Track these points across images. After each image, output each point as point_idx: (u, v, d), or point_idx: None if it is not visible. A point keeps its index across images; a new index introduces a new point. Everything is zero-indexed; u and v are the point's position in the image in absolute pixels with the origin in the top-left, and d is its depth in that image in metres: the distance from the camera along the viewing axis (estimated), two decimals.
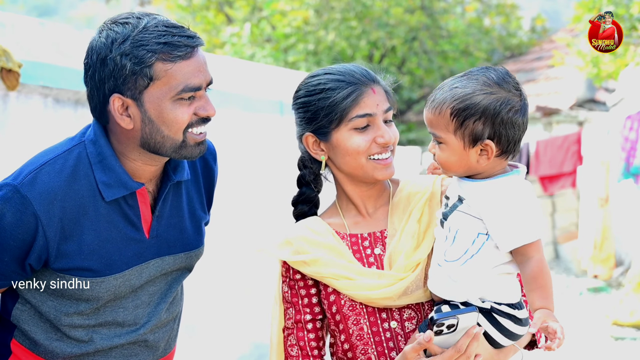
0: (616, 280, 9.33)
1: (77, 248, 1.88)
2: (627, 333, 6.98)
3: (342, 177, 2.01)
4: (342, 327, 1.94)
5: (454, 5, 15.93)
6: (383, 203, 2.05)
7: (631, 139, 8.11)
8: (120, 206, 1.93)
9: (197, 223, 2.13)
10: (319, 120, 1.94)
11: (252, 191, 5.32)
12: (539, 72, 13.23)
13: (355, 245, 1.98)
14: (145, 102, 1.84)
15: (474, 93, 1.80)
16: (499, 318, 1.84)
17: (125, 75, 1.81)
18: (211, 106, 1.90)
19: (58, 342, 1.98)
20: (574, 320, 7.60)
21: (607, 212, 9.32)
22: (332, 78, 1.94)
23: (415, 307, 1.93)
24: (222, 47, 15.09)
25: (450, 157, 1.85)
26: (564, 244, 10.58)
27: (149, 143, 1.88)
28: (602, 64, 7.72)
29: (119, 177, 1.90)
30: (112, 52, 1.81)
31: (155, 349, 2.10)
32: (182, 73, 1.83)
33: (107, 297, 1.95)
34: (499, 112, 1.78)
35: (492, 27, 16.05)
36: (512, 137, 1.81)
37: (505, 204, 1.80)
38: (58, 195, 1.85)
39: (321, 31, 13.99)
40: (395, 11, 13.72)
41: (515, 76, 1.87)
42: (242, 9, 15.19)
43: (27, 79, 3.47)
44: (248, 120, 5.31)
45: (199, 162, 2.15)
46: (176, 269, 2.09)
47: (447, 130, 1.82)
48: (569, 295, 8.96)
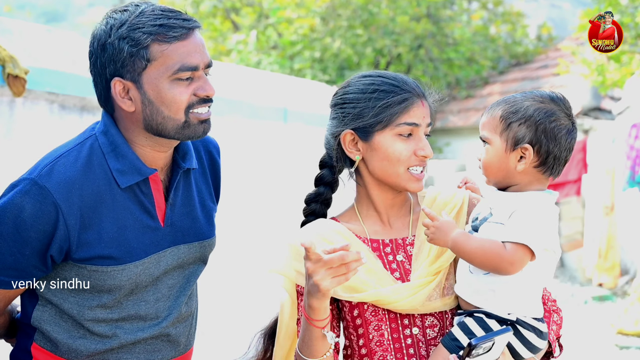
0: (621, 289, 9.30)
1: (97, 236, 1.91)
2: (632, 342, 6.96)
3: (371, 181, 2.00)
4: (362, 332, 1.94)
5: (459, 13, 15.93)
6: (404, 213, 2.05)
7: (637, 148, 8.10)
8: (135, 194, 1.96)
9: (208, 213, 2.15)
10: (365, 119, 1.95)
11: (256, 197, 5.33)
12: (545, 80, 13.22)
13: (376, 250, 1.98)
14: (144, 84, 1.89)
15: (525, 100, 1.90)
16: (524, 331, 1.85)
17: (124, 58, 1.87)
18: (210, 86, 1.94)
19: (81, 340, 1.98)
20: (579, 328, 7.58)
21: (612, 221, 9.29)
22: (387, 82, 1.97)
23: (438, 314, 1.94)
24: (229, 55, 15.12)
25: (492, 158, 1.92)
26: (569, 252, 10.55)
27: (151, 125, 1.92)
28: (608, 72, 7.71)
29: (132, 163, 1.94)
30: (110, 37, 1.87)
31: (177, 345, 2.11)
32: (177, 53, 1.87)
33: (129, 286, 1.96)
34: (543, 120, 1.87)
35: (498, 35, 16.05)
36: (552, 150, 1.88)
37: (525, 208, 1.84)
38: (76, 184, 1.89)
39: (327, 38, 14.01)
40: (401, 19, 13.73)
41: (570, 104, 1.95)
42: (249, 16, 15.23)
43: (33, 85, 3.49)
44: (252, 127, 5.32)
45: (204, 155, 2.19)
46: (192, 260, 2.10)
47: (495, 131, 1.91)
48: (574, 303, 8.93)
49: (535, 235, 1.80)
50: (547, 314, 2.01)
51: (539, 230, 1.80)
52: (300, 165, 5.39)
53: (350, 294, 1.90)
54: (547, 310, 2.01)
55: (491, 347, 1.76)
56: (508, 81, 14.34)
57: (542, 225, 1.82)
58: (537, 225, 1.81)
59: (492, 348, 1.76)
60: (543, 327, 1.88)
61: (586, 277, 9.89)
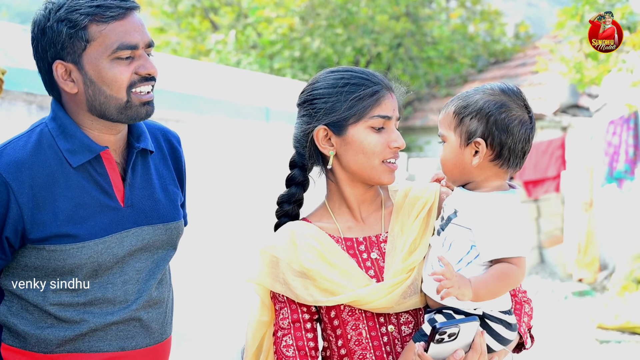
0: (601, 284, 9.40)
1: (52, 215, 1.92)
2: (611, 336, 7.03)
3: (344, 177, 2.00)
4: (340, 332, 1.94)
5: (438, 12, 15.99)
6: (376, 208, 2.05)
7: (614, 144, 8.19)
8: (90, 173, 1.98)
9: (171, 197, 2.16)
10: (338, 113, 1.94)
11: (238, 197, 5.31)
12: (523, 78, 13.31)
13: (350, 249, 1.98)
14: (85, 65, 1.91)
15: (475, 94, 1.89)
16: (492, 324, 1.87)
17: (63, 41, 1.90)
18: (151, 64, 1.96)
19: (50, 329, 1.97)
20: (559, 323, 7.64)
21: (591, 217, 9.39)
22: (356, 75, 1.97)
23: (412, 311, 1.94)
24: (208, 55, 15.06)
25: (448, 155, 1.90)
26: (548, 248, 10.64)
27: (94, 105, 1.95)
28: (586, 69, 7.77)
29: (82, 141, 1.96)
30: (49, 21, 1.90)
31: (151, 331, 2.09)
32: (115, 32, 1.90)
33: (90, 265, 1.96)
34: (493, 112, 1.85)
35: (476, 34, 16.13)
36: (506, 142, 1.85)
37: (493, 215, 1.83)
38: (25, 164, 1.91)
39: (307, 38, 13.99)
40: (381, 18, 13.75)
41: (524, 95, 1.93)
42: (228, 16, 15.16)
43: (10, 86, 3.45)
44: (234, 126, 5.31)
45: (164, 143, 2.21)
46: (159, 244, 2.10)
47: (449, 127, 1.90)
48: (554, 299, 9.01)
49: (519, 243, 1.82)
50: (518, 305, 2.02)
51: (519, 236, 1.82)
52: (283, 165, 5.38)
53: (327, 297, 1.90)
54: (518, 302, 2.03)
55: (457, 335, 1.75)
56: (487, 79, 14.42)
57: (517, 228, 1.83)
58: (515, 231, 1.82)
59: (457, 336, 1.76)
60: (511, 319, 1.89)
61: (566, 273, 9.98)
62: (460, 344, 1.79)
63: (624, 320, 7.07)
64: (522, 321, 2.00)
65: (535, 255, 10.76)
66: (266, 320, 2.00)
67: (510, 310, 1.92)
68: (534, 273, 10.31)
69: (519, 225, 1.84)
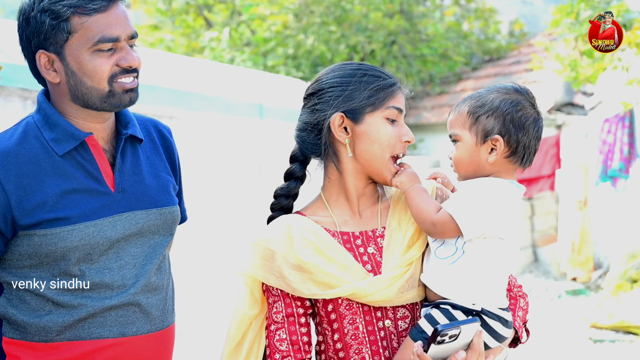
0: (595, 283, 9.40)
1: (41, 201, 1.94)
2: (605, 335, 7.03)
3: (351, 168, 2.00)
4: (337, 326, 1.93)
5: (432, 9, 15.98)
6: (373, 202, 2.06)
7: (609, 142, 8.19)
8: (77, 160, 2.00)
9: (163, 183, 2.16)
10: (357, 101, 1.96)
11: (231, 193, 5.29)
12: (518, 76, 13.31)
13: (347, 243, 1.97)
14: (66, 55, 1.94)
15: (490, 93, 1.96)
16: (489, 320, 1.88)
17: (46, 31, 1.93)
18: (132, 56, 1.97)
19: (49, 316, 1.97)
20: (553, 323, 7.64)
21: (585, 215, 9.39)
22: (372, 68, 2.02)
23: (409, 306, 1.94)
24: (202, 52, 15.01)
25: (463, 154, 1.95)
26: (542, 247, 10.65)
27: (77, 95, 1.97)
28: (580, 67, 7.76)
29: (65, 129, 1.99)
30: (33, 11, 1.94)
31: (151, 317, 2.08)
32: (97, 25, 1.92)
33: (82, 248, 1.96)
34: (510, 110, 1.92)
35: (470, 32, 16.12)
36: (522, 139, 1.92)
37: (473, 188, 1.89)
38: (10, 154, 1.94)
39: (300, 35, 13.97)
40: (374, 15, 13.74)
41: (533, 95, 2.00)
42: (222, 13, 15.13)
43: (6, 82, 3.45)
44: (227, 123, 5.29)
45: (154, 133, 2.23)
46: (154, 228, 2.10)
47: (464, 127, 1.95)
48: (548, 298, 9.01)
49: (467, 211, 1.83)
50: (513, 300, 2.05)
51: (473, 209, 1.84)
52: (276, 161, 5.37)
53: (325, 290, 1.89)
54: (513, 296, 2.05)
55: (457, 336, 1.76)
56: (481, 77, 14.42)
57: (481, 205, 1.85)
58: (475, 204, 1.84)
59: (458, 337, 1.76)
60: (508, 316, 1.92)
61: (560, 272, 9.98)
62: (460, 344, 1.79)
63: (618, 319, 7.07)
64: (517, 315, 2.03)
65: (529, 253, 10.77)
66: (254, 314, 1.99)
67: (507, 308, 1.94)
68: (528, 272, 10.32)
69: (491, 203, 1.85)
